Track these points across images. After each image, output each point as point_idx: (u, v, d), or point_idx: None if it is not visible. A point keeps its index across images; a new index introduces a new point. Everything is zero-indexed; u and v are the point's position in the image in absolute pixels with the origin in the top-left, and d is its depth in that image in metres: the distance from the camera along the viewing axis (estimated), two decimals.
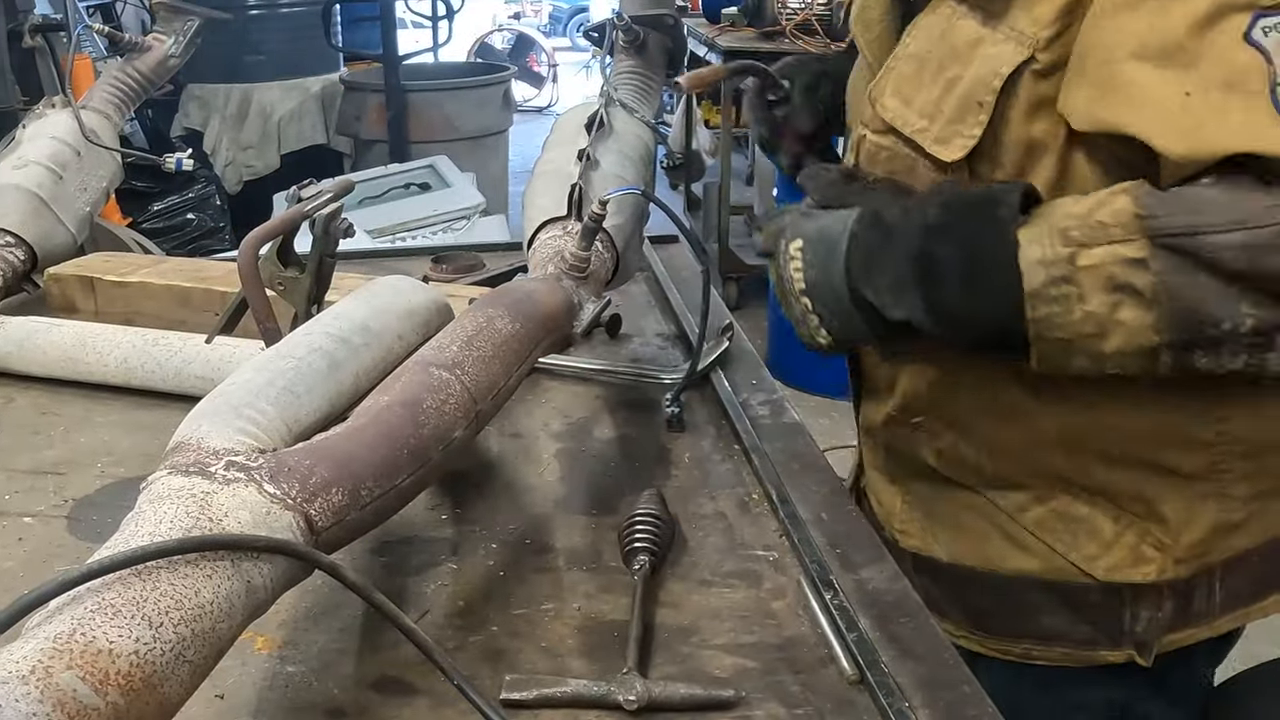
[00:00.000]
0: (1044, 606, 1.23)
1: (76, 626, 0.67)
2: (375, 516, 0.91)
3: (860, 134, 1.22)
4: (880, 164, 1.18)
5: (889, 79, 1.17)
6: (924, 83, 1.12)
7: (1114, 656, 1.22)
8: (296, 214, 1.27)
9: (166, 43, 2.07)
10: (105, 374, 1.51)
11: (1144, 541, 1.17)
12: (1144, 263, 0.94)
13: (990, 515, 1.24)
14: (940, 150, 1.10)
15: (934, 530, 1.30)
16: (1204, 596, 1.20)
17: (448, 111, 5.73)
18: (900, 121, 1.14)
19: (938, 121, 1.10)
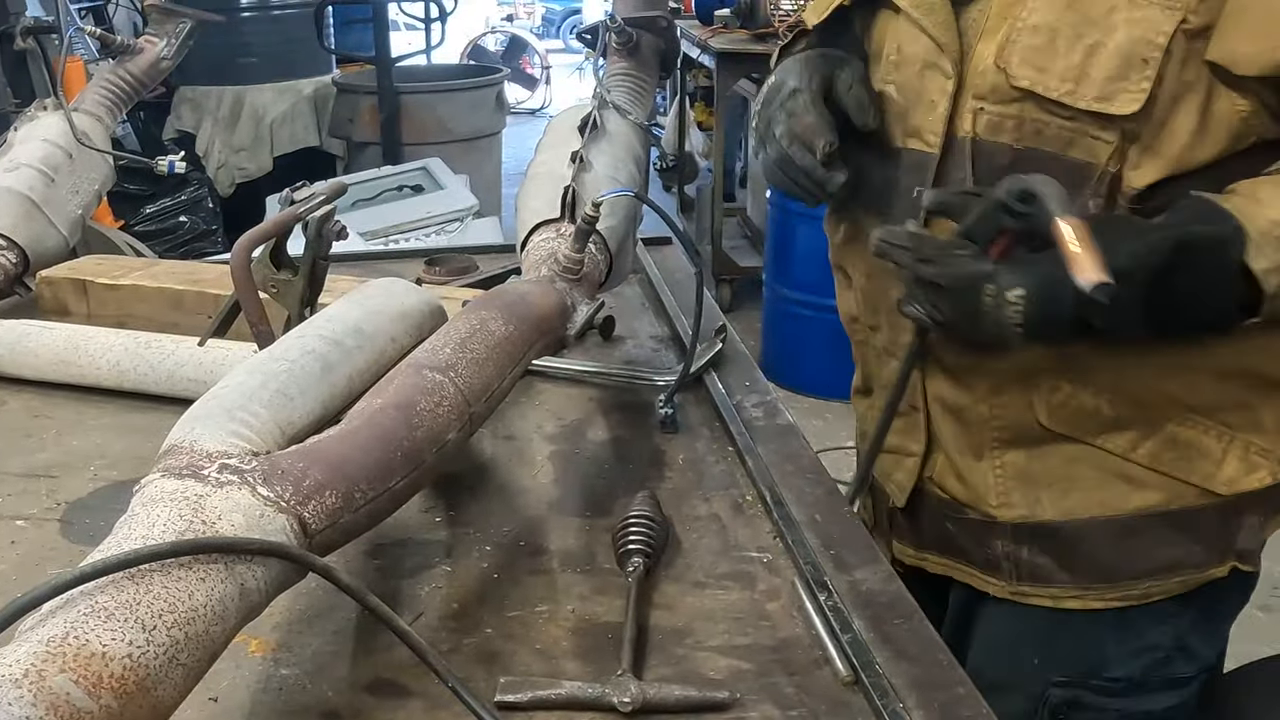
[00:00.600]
0: (1164, 538, 1.29)
1: (70, 630, 0.67)
2: (369, 519, 0.91)
3: (976, 108, 1.25)
4: (1006, 132, 1.23)
5: (1013, 50, 1.21)
6: (1059, 51, 1.18)
7: (1219, 572, 1.31)
8: (289, 216, 1.27)
9: (158, 45, 2.07)
10: (98, 377, 1.51)
11: (1250, 451, 1.27)
12: None
13: (1101, 461, 1.28)
14: (1105, 106, 1.17)
15: (1038, 493, 1.32)
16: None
17: (441, 114, 5.72)
18: (1041, 87, 1.20)
19: (1088, 83, 1.17)
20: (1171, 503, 1.28)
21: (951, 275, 1.17)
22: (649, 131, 1.67)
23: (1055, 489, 1.31)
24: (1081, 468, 1.29)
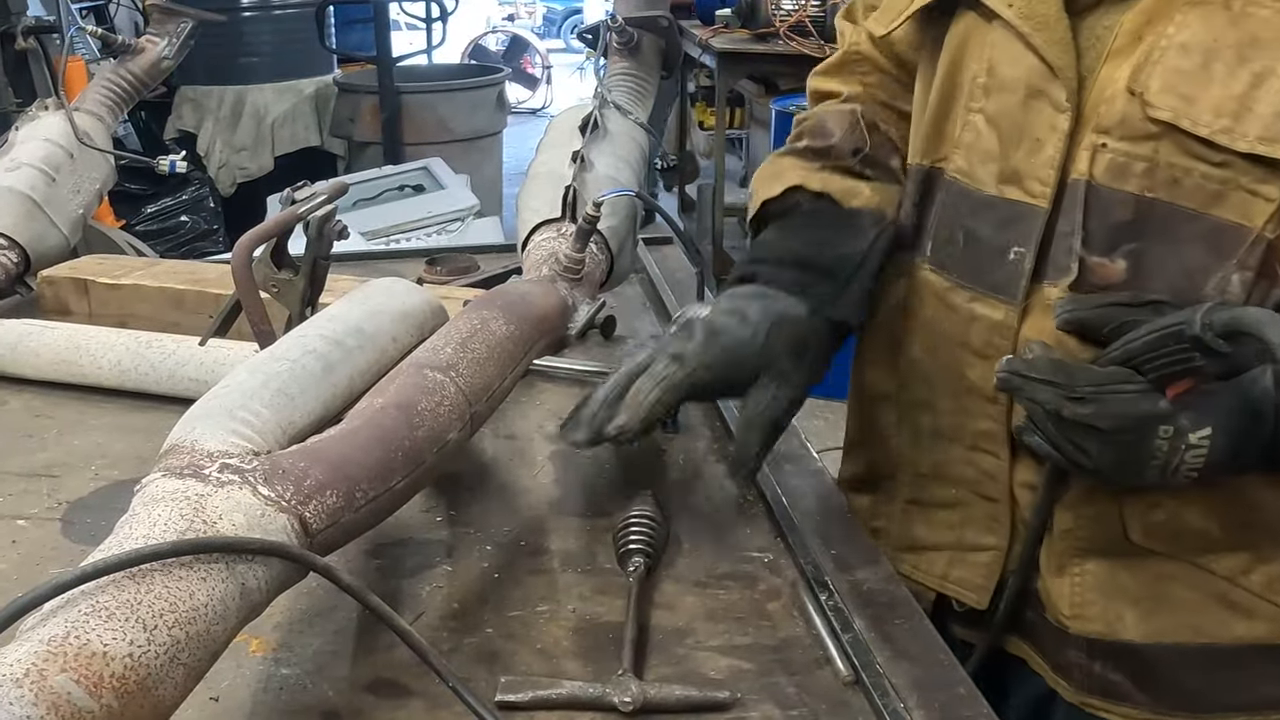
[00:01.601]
0: (1269, 674, 1.11)
1: (71, 629, 0.67)
2: (370, 518, 0.91)
3: (1097, 144, 1.02)
4: (1133, 178, 1.00)
5: (1153, 73, 0.98)
6: (1216, 77, 0.95)
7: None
8: (290, 216, 1.27)
9: (160, 45, 2.07)
10: (99, 376, 1.51)
11: None
12: None
13: (1202, 584, 1.09)
14: (1271, 149, 0.93)
15: (1120, 609, 1.13)
16: None
17: (442, 113, 5.73)
18: (1188, 121, 0.96)
19: (1249, 119, 0.94)
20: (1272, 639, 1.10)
21: (1115, 417, 0.96)
22: (650, 131, 1.67)
23: (1141, 607, 1.12)
24: (1176, 587, 1.10)
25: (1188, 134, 0.96)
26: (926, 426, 1.21)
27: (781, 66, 5.12)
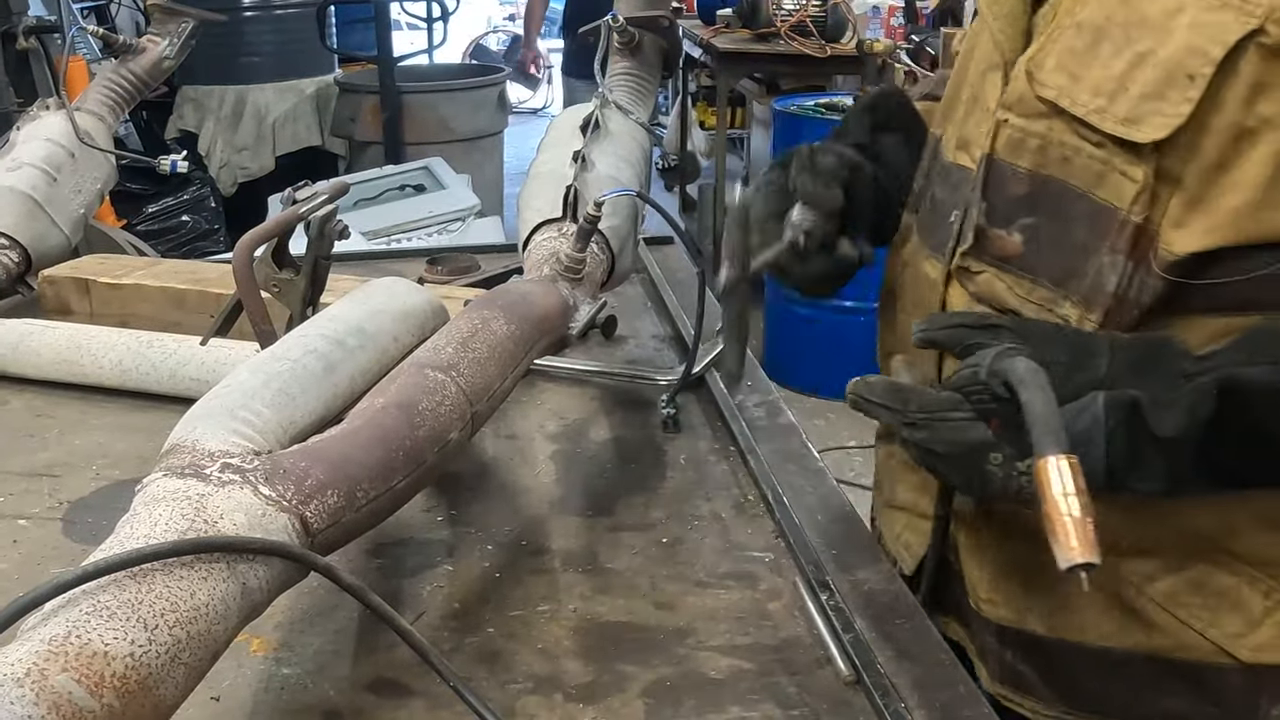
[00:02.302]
0: (1167, 687, 1.07)
1: (72, 629, 0.67)
2: (371, 518, 0.91)
3: (1000, 119, 1.05)
4: (1027, 155, 1.03)
5: (1050, 51, 1.01)
6: (1101, 56, 0.96)
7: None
8: (291, 216, 1.27)
9: (161, 44, 2.07)
10: (100, 376, 1.51)
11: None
12: None
13: (1108, 584, 1.06)
14: (1129, 130, 0.93)
15: (1031, 600, 1.12)
16: None
17: (443, 113, 5.72)
18: (1067, 100, 0.98)
19: (1122, 99, 0.94)
20: (1176, 652, 1.06)
21: (946, 443, 0.98)
22: (651, 131, 1.67)
23: (1050, 600, 1.11)
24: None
25: (1069, 114, 0.98)
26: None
27: (783, 66, 5.13)
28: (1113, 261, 0.97)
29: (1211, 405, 0.89)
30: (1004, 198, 1.05)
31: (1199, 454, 0.91)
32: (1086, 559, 0.83)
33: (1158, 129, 0.92)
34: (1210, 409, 0.89)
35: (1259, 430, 0.90)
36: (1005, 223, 1.06)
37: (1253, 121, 0.90)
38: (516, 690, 0.97)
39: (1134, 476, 0.93)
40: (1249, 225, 0.91)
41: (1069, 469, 0.85)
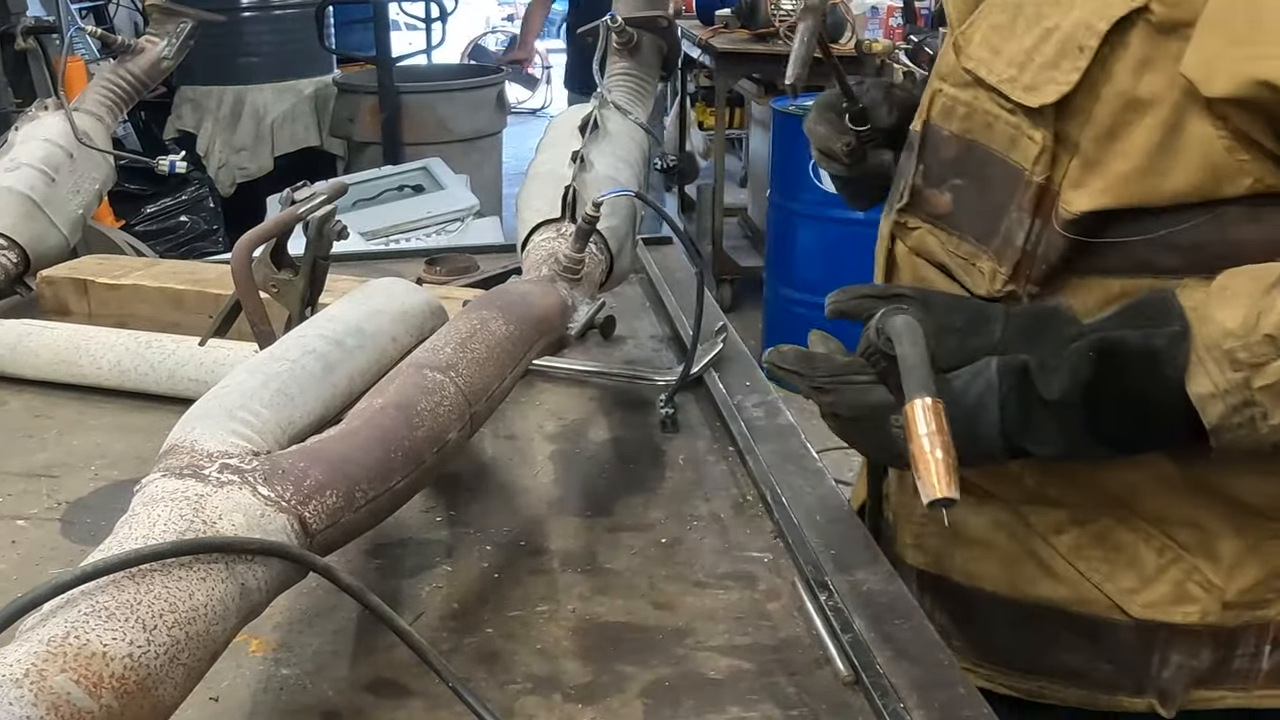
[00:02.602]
0: (1066, 641, 1.12)
1: (70, 629, 0.67)
2: (370, 519, 0.91)
3: (936, 88, 1.14)
4: (956, 120, 1.11)
5: (977, 28, 1.09)
6: (1017, 32, 1.03)
7: (1134, 704, 1.11)
8: (290, 216, 1.27)
9: (159, 45, 2.06)
10: (98, 377, 1.51)
11: (1190, 579, 1.06)
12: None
13: (1022, 536, 1.12)
14: (1028, 96, 1.01)
15: (953, 548, 1.18)
16: (1248, 656, 1.08)
17: (441, 113, 5.72)
18: (985, 70, 1.06)
19: (1028, 70, 1.01)
20: (1077, 605, 1.10)
21: (849, 406, 1.03)
22: (650, 131, 1.67)
23: (971, 549, 1.16)
24: (1002, 535, 1.14)
25: (987, 84, 1.05)
26: None
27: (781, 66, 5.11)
28: (1020, 219, 1.03)
29: (1090, 368, 0.94)
30: (937, 160, 1.14)
31: (1086, 417, 0.95)
32: (946, 495, 0.87)
33: (1049, 95, 0.99)
34: (1089, 371, 0.94)
35: (1133, 392, 0.94)
36: (938, 183, 1.14)
37: (1141, 93, 0.95)
38: (515, 690, 0.97)
39: (1028, 439, 0.98)
40: (1136, 189, 0.97)
41: (933, 412, 0.89)
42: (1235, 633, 1.08)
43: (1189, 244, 0.97)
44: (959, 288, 1.12)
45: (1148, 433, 0.97)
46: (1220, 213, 0.95)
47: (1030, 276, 1.04)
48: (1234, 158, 0.93)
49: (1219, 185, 0.94)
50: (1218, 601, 1.06)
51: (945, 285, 1.15)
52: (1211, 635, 1.07)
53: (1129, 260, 1.00)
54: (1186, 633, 1.08)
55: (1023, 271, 1.05)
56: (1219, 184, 0.94)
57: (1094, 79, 0.97)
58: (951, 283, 1.14)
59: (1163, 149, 0.95)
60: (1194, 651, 1.08)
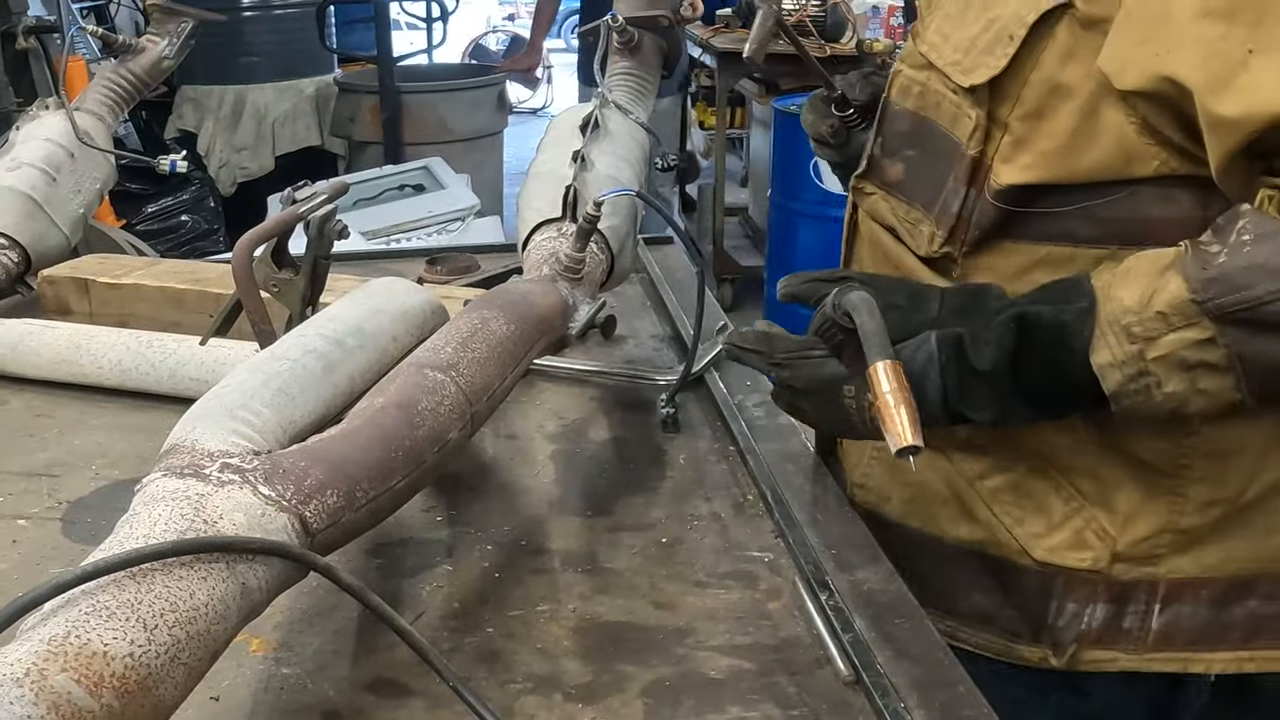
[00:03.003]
0: (978, 584, 1.21)
1: (71, 629, 0.67)
2: (370, 518, 0.91)
3: (897, 70, 1.25)
4: (911, 98, 1.21)
5: (935, 16, 1.19)
6: (966, 21, 1.13)
7: (1030, 653, 1.19)
8: (291, 216, 1.27)
9: (160, 44, 2.06)
10: (99, 376, 1.51)
11: (1089, 527, 1.15)
12: (1212, 340, 0.94)
13: (951, 480, 1.21)
14: (964, 78, 1.11)
15: (892, 489, 1.27)
16: (1138, 614, 1.16)
17: (442, 113, 5.72)
18: (936, 55, 1.16)
19: (970, 54, 1.11)
20: (990, 547, 1.19)
21: (806, 380, 1.12)
22: (651, 131, 1.67)
23: (908, 490, 1.25)
24: (935, 478, 1.22)
25: (936, 66, 1.16)
26: None
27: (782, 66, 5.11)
28: (956, 188, 1.14)
29: (1012, 339, 1.02)
30: (893, 133, 1.25)
31: (1013, 384, 1.03)
32: (912, 443, 0.94)
33: (980, 77, 1.10)
34: (1012, 341, 1.02)
35: (1048, 361, 1.02)
36: (892, 154, 1.25)
37: (1064, 80, 1.05)
38: (516, 690, 0.97)
39: (966, 405, 1.06)
40: (1057, 166, 1.07)
41: (893, 371, 0.97)
42: (1127, 588, 1.15)
43: (1106, 217, 1.07)
44: (904, 248, 1.23)
45: (1064, 398, 1.05)
46: (1134, 191, 1.05)
47: (965, 240, 1.15)
48: (1143, 142, 1.03)
49: (1130, 166, 1.04)
50: (1109, 550, 1.14)
51: (893, 246, 1.25)
52: (1105, 587, 1.15)
53: (1052, 229, 1.10)
54: (1082, 582, 1.15)
55: (958, 235, 1.15)
56: (1130, 165, 1.04)
57: (1023, 65, 1.07)
58: (899, 244, 1.24)
59: (1081, 131, 1.05)
60: (1088, 600, 1.16)
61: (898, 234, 1.24)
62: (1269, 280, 0.92)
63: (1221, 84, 0.94)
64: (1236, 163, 0.97)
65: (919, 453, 0.94)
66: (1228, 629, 1.16)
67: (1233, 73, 0.93)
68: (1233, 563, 1.14)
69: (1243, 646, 1.16)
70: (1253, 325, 0.93)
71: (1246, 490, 1.12)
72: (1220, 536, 1.13)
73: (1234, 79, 0.93)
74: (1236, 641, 1.16)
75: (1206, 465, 1.11)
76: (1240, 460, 1.11)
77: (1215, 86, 0.94)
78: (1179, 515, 1.13)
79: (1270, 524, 1.13)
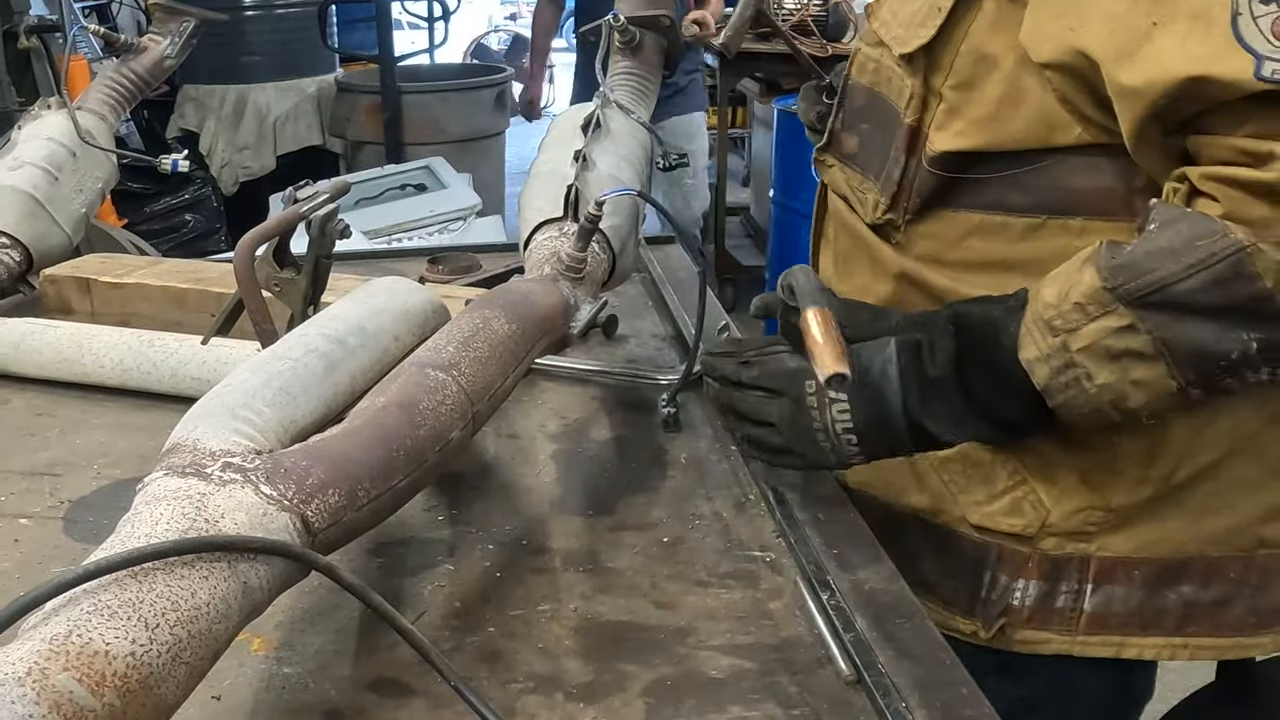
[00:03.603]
0: (923, 551, 1.24)
1: (73, 628, 0.67)
2: (372, 517, 0.91)
3: (856, 48, 1.31)
4: (867, 74, 1.27)
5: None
6: (914, 2, 1.18)
7: (964, 626, 1.23)
8: (293, 215, 1.27)
9: (162, 43, 2.06)
10: (101, 375, 1.51)
11: (1027, 499, 1.18)
12: (1132, 327, 0.98)
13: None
14: (899, 48, 1.17)
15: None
16: (1070, 594, 1.19)
17: (444, 113, 5.72)
18: (885, 31, 1.22)
19: (909, 27, 1.17)
20: (936, 515, 1.24)
21: (771, 374, 1.16)
22: (652, 131, 1.67)
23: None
24: None
25: (884, 42, 1.21)
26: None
27: (783, 66, 5.13)
28: (897, 157, 1.19)
29: (951, 339, 1.07)
30: (852, 107, 1.31)
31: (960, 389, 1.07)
32: (837, 369, 0.98)
33: (910, 45, 1.15)
34: (951, 342, 1.06)
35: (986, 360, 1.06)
36: (850, 127, 1.31)
37: (990, 50, 1.10)
38: (517, 689, 0.97)
39: (925, 416, 1.09)
40: (986, 133, 1.11)
41: (822, 316, 1.02)
42: (1059, 564, 1.19)
43: (1034, 185, 1.11)
44: (856, 217, 1.28)
45: (1010, 404, 1.07)
46: (1060, 160, 1.10)
47: (907, 208, 1.20)
48: (1063, 111, 1.07)
49: (1052, 134, 1.09)
50: (1041, 521, 1.18)
51: (848, 215, 1.31)
52: (1036, 562, 1.19)
53: (986, 198, 1.15)
54: (1014, 554, 1.20)
55: (900, 203, 1.21)
56: (1052, 133, 1.09)
57: (953, 36, 1.13)
58: (852, 213, 1.30)
59: (1006, 100, 1.10)
60: (1018, 574, 1.20)
61: (849, 201, 1.30)
62: (1171, 261, 0.96)
63: (1126, 55, 0.98)
64: (1148, 135, 1.01)
65: (845, 381, 0.99)
66: (1161, 614, 1.18)
67: (1137, 44, 0.98)
68: (1165, 544, 1.17)
69: (1175, 633, 1.19)
70: (1171, 309, 0.96)
71: (1177, 470, 1.15)
72: (1153, 517, 1.16)
73: (1138, 50, 0.98)
74: (1170, 628, 1.19)
75: (1136, 443, 1.14)
76: (1170, 440, 1.14)
77: (1120, 57, 0.99)
78: (1111, 493, 1.16)
79: (1202, 506, 1.16)
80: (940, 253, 1.20)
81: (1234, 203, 0.96)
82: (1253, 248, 0.94)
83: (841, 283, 1.33)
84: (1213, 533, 1.17)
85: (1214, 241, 0.95)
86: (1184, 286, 0.95)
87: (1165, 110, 0.98)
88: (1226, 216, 0.95)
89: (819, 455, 1.16)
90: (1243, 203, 0.95)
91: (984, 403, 1.08)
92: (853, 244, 1.32)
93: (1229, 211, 0.96)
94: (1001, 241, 1.15)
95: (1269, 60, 0.92)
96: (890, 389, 1.09)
